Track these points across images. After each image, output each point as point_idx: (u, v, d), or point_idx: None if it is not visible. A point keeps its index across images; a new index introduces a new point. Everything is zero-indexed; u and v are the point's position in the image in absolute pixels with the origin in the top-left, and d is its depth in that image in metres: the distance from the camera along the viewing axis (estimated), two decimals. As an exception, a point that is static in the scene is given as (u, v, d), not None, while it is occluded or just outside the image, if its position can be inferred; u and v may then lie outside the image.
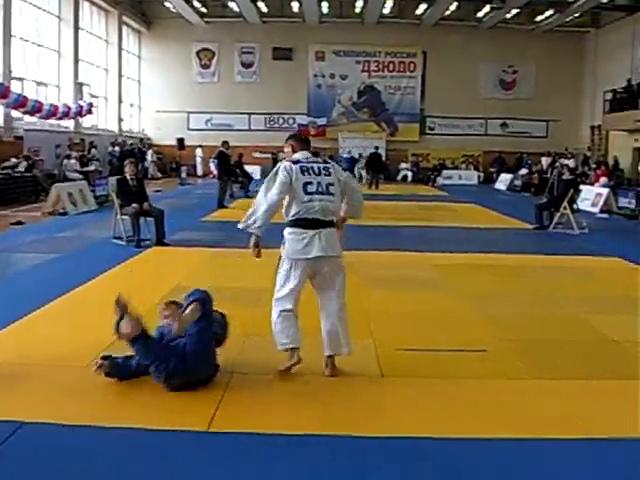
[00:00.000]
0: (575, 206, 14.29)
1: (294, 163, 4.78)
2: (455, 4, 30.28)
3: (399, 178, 33.71)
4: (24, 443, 3.61)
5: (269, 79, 33.89)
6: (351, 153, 31.89)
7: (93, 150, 25.95)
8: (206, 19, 33.03)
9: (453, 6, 30.54)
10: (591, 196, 19.40)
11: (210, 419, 3.97)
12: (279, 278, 4.82)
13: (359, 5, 31.38)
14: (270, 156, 32.38)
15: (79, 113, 24.13)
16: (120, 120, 31.22)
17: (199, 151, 32.67)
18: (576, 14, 30.45)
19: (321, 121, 34.27)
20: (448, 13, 31.53)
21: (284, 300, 4.76)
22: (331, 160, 5.32)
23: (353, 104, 34.86)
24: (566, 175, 15.27)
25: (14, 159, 19.08)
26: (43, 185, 18.51)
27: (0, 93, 18.59)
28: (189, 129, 33.70)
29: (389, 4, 30.62)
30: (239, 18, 32.61)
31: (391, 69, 34.64)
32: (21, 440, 3.64)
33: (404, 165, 34.50)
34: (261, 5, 31.39)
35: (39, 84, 23.42)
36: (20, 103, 19.42)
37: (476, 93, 34.08)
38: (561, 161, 27.42)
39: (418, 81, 34.72)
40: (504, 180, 30.18)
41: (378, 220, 14.47)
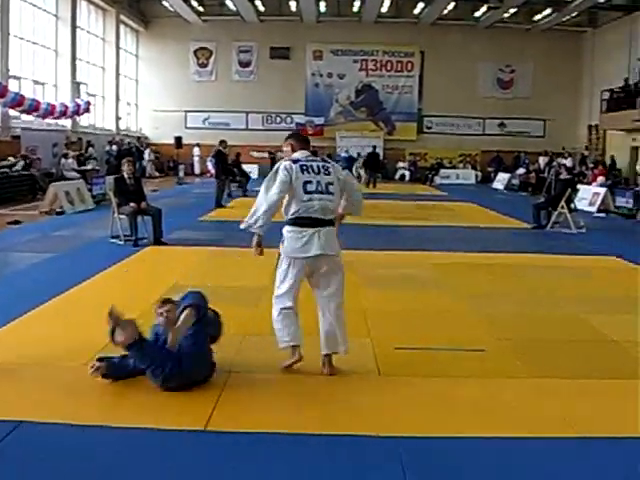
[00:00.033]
0: (572, 205, 14.31)
1: (294, 162, 4.79)
2: (453, 3, 30.26)
3: (397, 177, 33.72)
4: (21, 442, 3.60)
5: (267, 78, 33.86)
6: (349, 152, 31.89)
7: (90, 149, 25.90)
8: (203, 18, 33.00)
9: (451, 5, 30.52)
10: (588, 195, 19.42)
11: (207, 418, 3.96)
12: (278, 276, 4.84)
13: (357, 4, 31.35)
14: (267, 155, 32.43)
15: (76, 112, 24.09)
16: (117, 119, 31.16)
17: (196, 150, 32.69)
18: (573, 14, 30.48)
19: (319, 120, 34.25)
20: (446, 12, 31.51)
21: (284, 298, 4.79)
22: (329, 158, 5.32)
23: (351, 103, 34.83)
24: (564, 174, 15.29)
25: (11, 158, 19.05)
26: (40, 184, 18.48)
27: (-3, 92, 18.58)
28: (187, 128, 33.63)
29: (387, 3, 30.58)
30: (236, 17, 32.59)
31: (389, 68, 34.61)
32: (18, 439, 3.63)
33: (402, 164, 34.50)
34: (258, 4, 31.35)
35: (36, 83, 23.38)
36: (17, 102, 19.38)
37: (474, 92, 34.05)
38: (559, 160, 27.43)
39: (416, 80, 34.69)
40: (502, 179, 30.17)
41: (376, 219, 14.47)
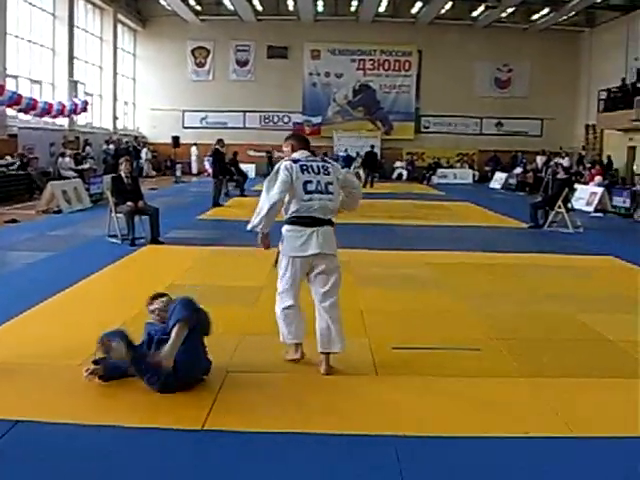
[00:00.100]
0: (570, 205, 14.33)
1: (294, 162, 4.84)
2: (450, 3, 30.28)
3: (394, 177, 33.71)
4: (18, 442, 3.60)
5: (264, 77, 33.84)
6: (348, 151, 31.91)
7: (88, 148, 25.87)
8: (201, 17, 32.97)
9: (448, 5, 30.54)
10: (586, 195, 19.44)
11: (204, 418, 3.96)
12: (279, 275, 4.94)
13: (354, 4, 31.35)
14: (265, 154, 32.47)
15: (74, 111, 24.05)
16: (115, 118, 31.12)
17: (194, 149, 32.69)
18: (571, 13, 30.51)
19: (316, 120, 34.25)
20: (443, 12, 31.53)
21: (285, 296, 4.90)
22: (326, 157, 5.37)
23: (348, 103, 34.82)
24: (561, 174, 15.31)
25: (9, 157, 19.02)
26: (37, 183, 18.46)
27: (-6, 91, 18.55)
28: (184, 127, 33.65)
29: (384, 3, 30.63)
30: (234, 16, 32.58)
31: (386, 68, 34.60)
32: (15, 439, 3.63)
33: (399, 164, 34.51)
34: (256, 3, 31.32)
35: (34, 82, 23.34)
36: (14, 101, 19.35)
37: (471, 92, 34.07)
38: (556, 160, 27.47)
39: (413, 80, 34.70)
40: (499, 179, 30.20)
41: (373, 218, 14.49)
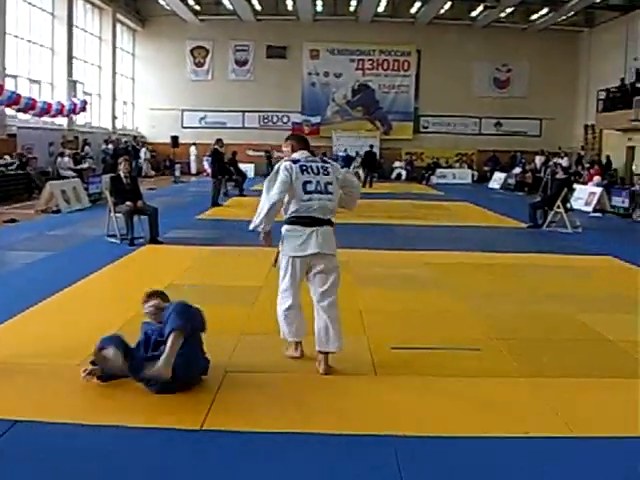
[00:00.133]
0: (569, 205, 14.33)
1: (294, 162, 4.88)
2: (449, 3, 30.28)
3: (393, 177, 33.72)
4: (17, 442, 3.60)
5: (263, 77, 33.83)
6: (347, 151, 31.91)
7: (87, 148, 25.86)
8: (200, 17, 32.96)
9: (447, 5, 30.54)
10: (584, 195, 19.45)
11: (203, 418, 3.96)
12: (280, 275, 4.99)
13: (353, 3, 31.35)
14: (264, 154, 32.46)
15: (73, 111, 24.03)
16: (114, 118, 31.11)
17: (193, 149, 32.68)
18: (570, 13, 30.52)
19: (315, 119, 34.23)
20: (442, 12, 31.53)
21: (286, 296, 4.97)
22: (324, 157, 5.40)
23: (347, 102, 34.82)
24: (560, 174, 15.31)
25: (8, 157, 19.00)
26: (36, 183, 18.45)
27: (-7, 91, 18.54)
28: (183, 127, 33.61)
29: (383, 2, 30.60)
30: (233, 16, 32.58)
31: (385, 67, 34.60)
32: (14, 438, 3.63)
33: (398, 164, 34.51)
34: (255, 3, 31.32)
35: (32, 81, 23.32)
36: (13, 100, 19.33)
37: (470, 92, 34.07)
38: (555, 160, 27.48)
39: (412, 80, 34.69)
40: (498, 179, 30.20)
41: (372, 218, 14.49)
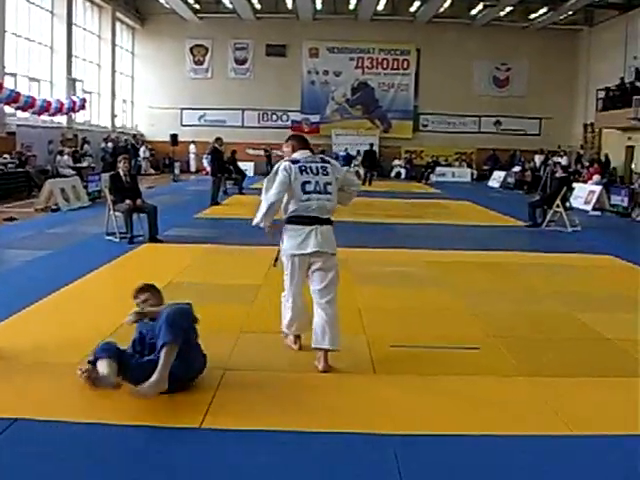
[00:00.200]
0: (568, 204, 14.33)
1: (293, 163, 4.93)
2: (449, 1, 30.22)
3: (392, 175, 33.73)
4: (16, 440, 3.61)
5: (262, 75, 33.82)
6: (348, 151, 31.92)
7: (86, 146, 25.84)
8: (200, 15, 32.94)
9: (447, 3, 30.47)
10: (584, 194, 19.47)
11: (203, 416, 3.97)
12: (284, 273, 5.08)
13: (353, 2, 31.32)
14: (263, 153, 32.46)
15: (72, 109, 24.01)
16: (113, 116, 31.09)
17: (192, 147, 32.67)
18: (569, 12, 30.51)
19: (314, 118, 34.20)
20: (442, 10, 31.47)
21: (288, 294, 5.08)
22: (323, 154, 5.43)
23: (347, 101, 34.80)
24: (559, 173, 15.31)
25: (7, 155, 18.98)
26: (36, 181, 18.45)
27: (-7, 89, 18.53)
28: (182, 125, 33.56)
29: (383, 1, 30.55)
30: (233, 14, 32.56)
31: (385, 66, 34.58)
32: (13, 436, 3.64)
33: (397, 162, 34.51)
34: (255, 1, 31.29)
35: (32, 80, 23.29)
36: (13, 99, 19.32)
37: (470, 90, 34.07)
38: (554, 159, 27.49)
39: (412, 78, 34.68)
40: (497, 178, 30.22)
41: (371, 217, 14.51)
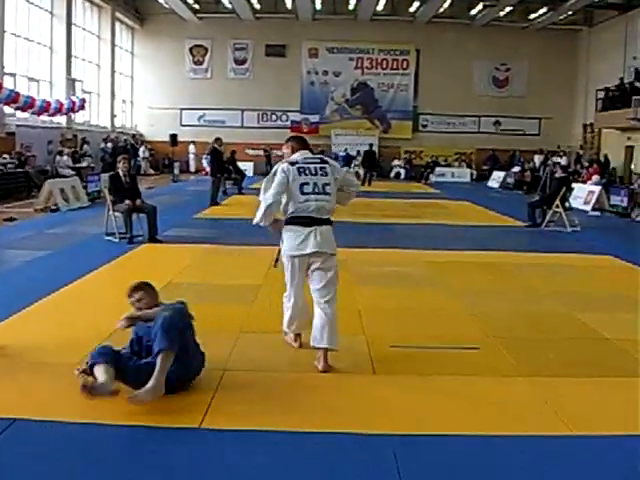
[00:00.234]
0: (567, 204, 14.33)
1: (291, 164, 4.94)
2: (448, 2, 30.22)
3: (392, 175, 33.73)
4: (16, 440, 3.61)
5: (262, 76, 33.81)
6: (347, 151, 31.92)
7: (85, 146, 25.85)
8: (199, 15, 32.93)
9: (446, 4, 30.46)
10: (583, 194, 19.47)
11: (202, 417, 3.97)
12: (285, 273, 5.12)
13: (352, 2, 31.32)
14: (263, 153, 32.46)
15: (71, 109, 24.01)
16: (113, 116, 31.09)
17: (192, 147, 32.66)
18: (569, 12, 30.52)
19: (314, 118, 34.20)
20: (441, 11, 31.47)
21: (289, 294, 5.14)
22: (322, 155, 5.45)
23: (346, 101, 34.79)
24: (558, 173, 15.32)
25: (7, 155, 18.98)
26: (35, 181, 18.45)
27: (-8, 89, 18.53)
28: (182, 125, 33.55)
29: (382, 1, 30.56)
30: (232, 14, 32.55)
31: (384, 66, 34.58)
32: (13, 437, 3.64)
33: (397, 162, 34.50)
34: (254, 1, 31.29)
35: (31, 80, 23.29)
36: (12, 99, 19.32)
37: (469, 90, 34.06)
38: (554, 159, 27.50)
39: (411, 78, 34.68)
40: (497, 178, 30.20)
41: (370, 217, 14.51)
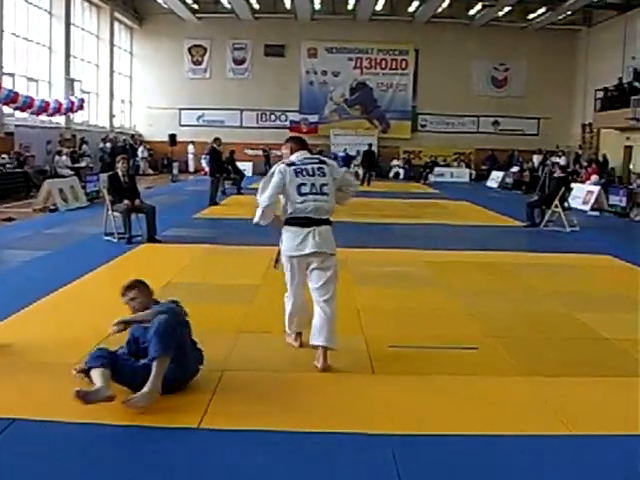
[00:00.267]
0: (566, 204, 14.35)
1: (289, 166, 4.95)
2: (447, 2, 30.20)
3: (391, 175, 33.71)
4: (15, 440, 3.61)
5: (261, 76, 33.79)
6: (347, 151, 31.92)
7: (84, 146, 25.83)
8: (198, 15, 32.89)
9: (445, 3, 30.43)
10: (582, 194, 19.48)
11: (201, 416, 3.97)
12: (285, 273, 5.16)
13: (351, 2, 31.29)
14: (262, 153, 32.44)
15: (70, 109, 24.00)
16: (111, 116, 31.08)
17: (191, 147, 32.62)
18: (568, 12, 30.52)
19: (313, 118, 34.17)
20: (440, 10, 31.45)
21: (289, 294, 5.19)
22: (320, 155, 5.47)
23: (345, 101, 34.77)
24: (557, 173, 15.32)
25: (6, 155, 18.96)
26: (34, 181, 18.43)
27: (-9, 89, 18.52)
28: (181, 125, 33.52)
29: (381, 1, 30.55)
30: (231, 14, 32.52)
31: (383, 66, 34.56)
32: (12, 437, 3.64)
33: (396, 162, 34.48)
34: (253, 1, 31.26)
35: (30, 80, 23.27)
36: (11, 99, 19.31)
37: (468, 90, 34.05)
38: (552, 159, 27.50)
39: (410, 78, 34.65)
40: (496, 178, 30.18)
41: (369, 217, 14.52)
